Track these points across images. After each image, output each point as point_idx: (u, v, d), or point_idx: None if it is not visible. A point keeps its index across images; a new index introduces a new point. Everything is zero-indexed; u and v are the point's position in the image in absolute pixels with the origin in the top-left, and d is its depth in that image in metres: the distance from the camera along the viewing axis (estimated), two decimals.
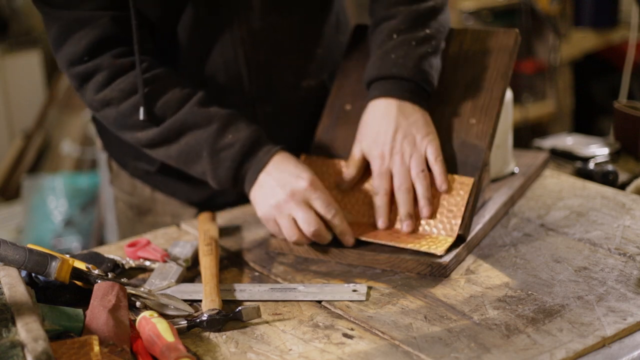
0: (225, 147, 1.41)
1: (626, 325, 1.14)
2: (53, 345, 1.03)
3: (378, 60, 1.48)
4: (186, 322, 1.18)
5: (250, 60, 1.54)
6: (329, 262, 1.40)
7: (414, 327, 1.17)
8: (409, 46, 1.46)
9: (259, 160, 1.41)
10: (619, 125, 1.85)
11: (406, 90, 1.45)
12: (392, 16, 1.50)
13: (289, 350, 1.13)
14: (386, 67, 1.46)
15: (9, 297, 1.10)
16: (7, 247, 1.20)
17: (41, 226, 3.61)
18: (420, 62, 1.45)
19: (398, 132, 1.42)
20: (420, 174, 1.41)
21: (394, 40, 1.48)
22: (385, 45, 1.48)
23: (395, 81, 1.45)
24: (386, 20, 1.51)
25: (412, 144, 1.42)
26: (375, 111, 1.46)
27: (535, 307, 1.20)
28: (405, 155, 1.42)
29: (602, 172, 1.67)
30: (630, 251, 1.35)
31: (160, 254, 1.40)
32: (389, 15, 1.51)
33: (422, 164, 1.42)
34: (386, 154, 1.42)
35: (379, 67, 1.47)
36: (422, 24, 1.49)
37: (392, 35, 1.48)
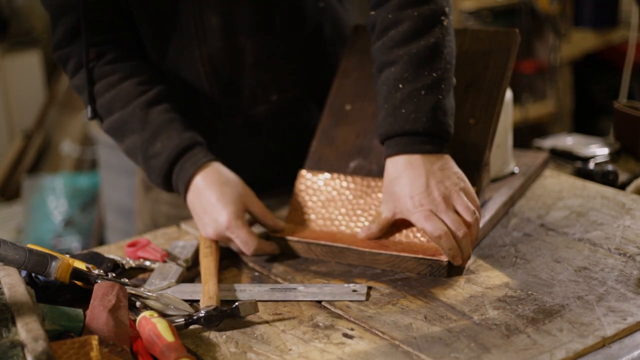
0: (154, 155, 1.44)
1: (626, 325, 1.14)
2: (53, 345, 1.03)
3: (389, 116, 1.38)
4: (184, 319, 1.18)
5: (212, 78, 1.55)
6: (329, 262, 1.40)
7: (414, 327, 1.17)
8: (419, 97, 1.36)
9: (185, 171, 1.43)
10: (619, 125, 1.86)
11: (424, 143, 1.36)
12: (392, 62, 1.39)
13: (289, 350, 1.13)
14: (398, 124, 1.36)
15: (9, 297, 1.10)
16: (7, 247, 1.20)
17: (41, 226, 3.61)
18: (433, 114, 1.36)
19: (430, 179, 1.33)
20: (473, 216, 1.32)
21: (401, 92, 1.37)
22: (393, 98, 1.38)
23: (411, 137, 1.36)
24: (387, 66, 1.40)
25: (449, 188, 1.33)
26: (397, 168, 1.36)
27: (535, 307, 1.20)
28: (447, 199, 1.32)
29: (602, 172, 1.67)
30: (630, 251, 1.35)
31: (160, 254, 1.40)
32: (389, 60, 1.40)
33: (470, 207, 1.32)
34: (424, 201, 1.32)
35: (391, 125, 1.37)
36: (427, 67, 1.38)
37: (397, 85, 1.38)
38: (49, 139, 4.08)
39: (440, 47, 1.39)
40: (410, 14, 1.39)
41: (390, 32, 1.40)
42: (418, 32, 1.39)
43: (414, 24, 1.39)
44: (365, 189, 1.47)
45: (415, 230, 1.40)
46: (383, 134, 1.38)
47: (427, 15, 1.39)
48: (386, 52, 1.40)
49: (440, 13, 1.40)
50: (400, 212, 1.36)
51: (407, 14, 1.39)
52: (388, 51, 1.40)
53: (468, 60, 1.53)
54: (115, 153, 3.15)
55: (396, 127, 1.36)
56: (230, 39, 1.52)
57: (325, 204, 1.48)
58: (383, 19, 1.42)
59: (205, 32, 1.51)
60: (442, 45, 1.39)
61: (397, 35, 1.39)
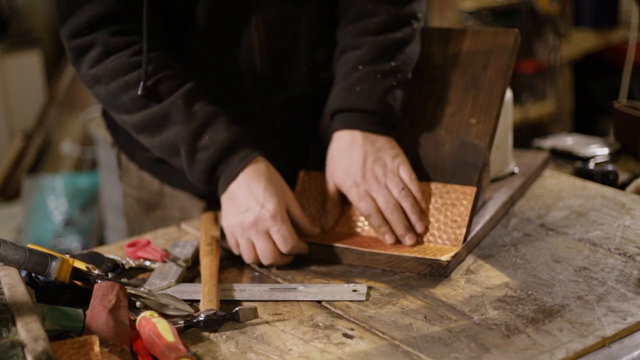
0: (201, 149, 1.39)
1: (626, 325, 1.14)
2: (53, 345, 1.03)
3: (343, 92, 1.47)
4: (184, 322, 1.18)
5: (264, 48, 1.53)
6: (329, 262, 1.40)
7: (414, 327, 1.17)
8: (374, 79, 1.46)
9: (232, 166, 1.39)
10: (619, 125, 1.86)
11: (370, 122, 1.45)
12: (358, 46, 1.49)
13: (289, 350, 1.13)
14: (351, 99, 1.45)
15: (9, 297, 1.10)
16: (7, 247, 1.20)
17: (41, 226, 3.61)
18: (384, 96, 1.45)
19: (367, 159, 1.42)
20: (402, 192, 1.41)
21: (359, 72, 1.47)
22: (350, 76, 1.47)
23: (360, 114, 1.45)
24: (352, 49, 1.50)
25: (384, 166, 1.42)
26: (341, 143, 1.45)
27: (535, 307, 1.20)
28: (380, 178, 1.41)
29: (602, 172, 1.67)
30: (630, 251, 1.35)
31: (159, 254, 1.40)
32: (355, 45, 1.50)
33: (400, 182, 1.41)
34: (359, 181, 1.42)
35: (343, 99, 1.46)
36: (389, 56, 1.48)
37: (357, 66, 1.47)
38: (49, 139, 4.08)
39: (404, 43, 1.50)
40: (387, 9, 1.50)
41: (364, 21, 1.50)
42: (389, 27, 1.50)
43: (388, 18, 1.50)
44: None
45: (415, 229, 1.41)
46: (334, 108, 1.47)
47: (400, 14, 1.51)
48: (355, 38, 1.50)
49: (412, 16, 1.52)
50: (340, 187, 1.45)
51: (384, 8, 1.50)
52: (357, 37, 1.50)
53: (468, 60, 1.53)
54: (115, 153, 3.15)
55: (348, 102, 1.45)
56: (285, 6, 1.52)
57: (325, 204, 1.48)
58: (361, 7, 1.51)
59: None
60: (406, 43, 1.50)
61: (370, 26, 1.50)
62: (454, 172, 1.45)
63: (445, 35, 1.58)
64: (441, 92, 1.52)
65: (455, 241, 1.38)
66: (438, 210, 1.42)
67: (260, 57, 1.53)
